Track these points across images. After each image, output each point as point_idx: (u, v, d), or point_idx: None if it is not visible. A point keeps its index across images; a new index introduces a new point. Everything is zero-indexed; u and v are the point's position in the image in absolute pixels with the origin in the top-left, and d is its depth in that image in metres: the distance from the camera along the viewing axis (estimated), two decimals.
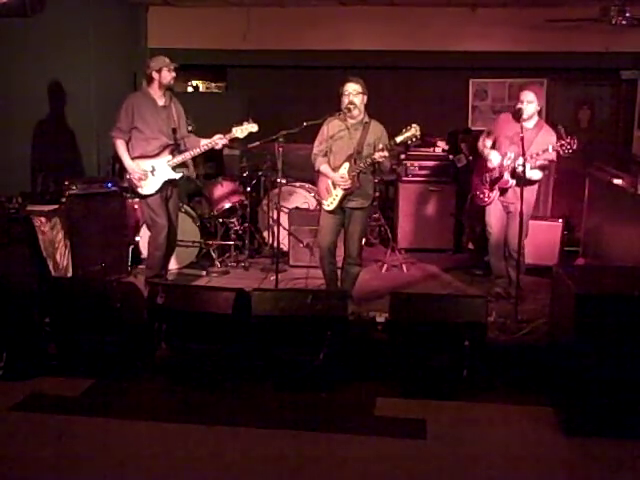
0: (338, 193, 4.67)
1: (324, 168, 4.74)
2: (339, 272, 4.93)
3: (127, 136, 5.05)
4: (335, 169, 4.68)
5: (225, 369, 3.96)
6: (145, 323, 4.13)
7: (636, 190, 4.90)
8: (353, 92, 4.57)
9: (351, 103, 4.57)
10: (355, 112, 4.61)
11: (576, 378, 3.34)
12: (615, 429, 3.29)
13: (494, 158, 4.97)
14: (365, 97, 4.64)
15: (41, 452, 3.20)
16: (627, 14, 6.52)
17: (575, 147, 4.55)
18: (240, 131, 5.03)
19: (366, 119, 4.68)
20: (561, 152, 4.61)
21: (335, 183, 4.66)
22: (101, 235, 5.65)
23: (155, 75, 5.03)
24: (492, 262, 5.29)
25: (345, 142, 4.66)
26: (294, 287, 5.51)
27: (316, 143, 4.79)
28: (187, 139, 5.25)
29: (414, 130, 4.47)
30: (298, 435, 3.39)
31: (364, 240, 5.40)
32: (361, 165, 4.56)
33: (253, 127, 5.04)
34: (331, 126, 4.72)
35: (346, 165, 4.63)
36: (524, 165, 4.55)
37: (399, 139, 4.51)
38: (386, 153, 4.48)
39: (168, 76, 5.04)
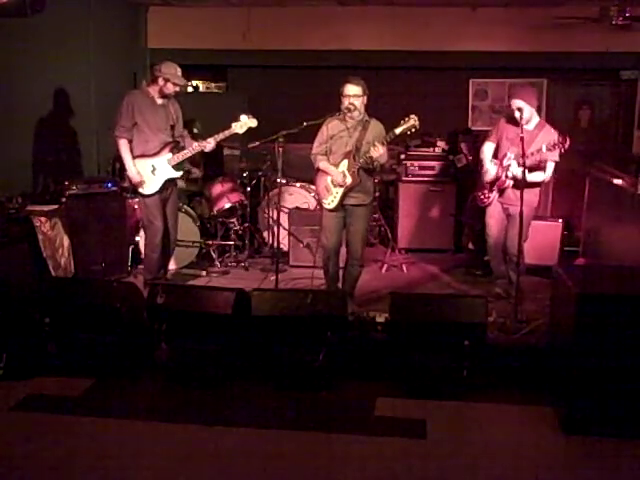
0: (338, 191, 4.68)
1: (323, 165, 4.75)
2: (340, 272, 4.94)
3: (130, 134, 5.05)
4: (334, 166, 4.69)
5: (225, 369, 3.96)
6: (145, 323, 4.13)
7: (636, 190, 4.90)
8: (353, 95, 4.57)
9: (351, 105, 4.57)
10: (355, 114, 4.61)
11: (576, 378, 3.34)
12: (615, 429, 3.30)
13: (491, 171, 4.98)
14: (365, 98, 4.64)
15: (41, 452, 3.20)
16: (627, 14, 6.53)
17: (567, 146, 4.55)
18: (239, 126, 5.04)
19: (366, 118, 4.68)
20: (552, 150, 4.62)
21: (334, 181, 4.67)
22: (101, 235, 5.65)
23: (160, 81, 5.02)
24: (492, 264, 5.29)
25: (344, 141, 4.68)
26: (294, 287, 5.51)
27: (315, 143, 4.80)
28: (182, 138, 5.27)
29: (413, 121, 4.46)
30: (298, 435, 3.39)
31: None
32: (360, 161, 4.57)
33: (252, 122, 5.04)
34: (331, 126, 4.72)
35: (345, 162, 4.64)
36: (524, 165, 4.55)
37: (398, 130, 4.49)
38: (380, 149, 4.45)
39: (172, 88, 5.06)
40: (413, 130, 4.52)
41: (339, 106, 4.67)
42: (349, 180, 4.62)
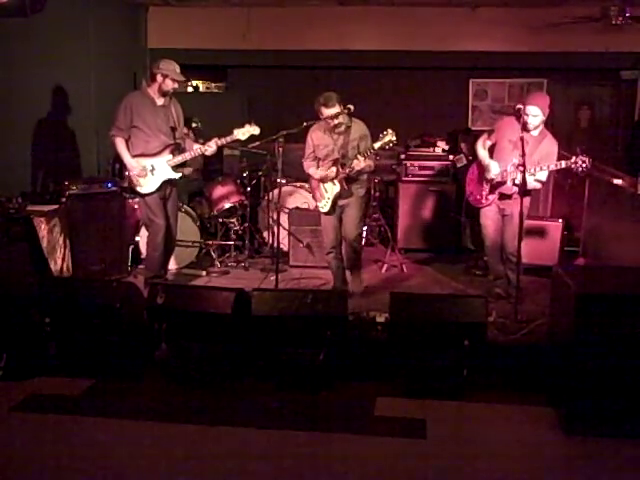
0: (330, 196, 4.81)
1: (311, 171, 4.91)
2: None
3: (126, 134, 5.06)
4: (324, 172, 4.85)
5: (225, 369, 3.96)
6: (145, 323, 4.13)
7: (636, 190, 4.90)
8: (334, 115, 4.65)
9: (338, 124, 4.69)
10: (342, 128, 4.75)
11: (576, 378, 3.34)
12: (615, 429, 3.29)
13: (493, 169, 4.96)
14: (342, 107, 4.69)
15: (41, 452, 3.20)
16: (627, 14, 6.53)
17: (589, 167, 4.58)
18: (242, 133, 5.04)
19: (348, 123, 4.75)
20: (574, 169, 4.63)
21: (324, 181, 4.79)
22: (101, 235, 5.64)
23: (159, 78, 5.02)
24: (490, 264, 5.30)
25: (330, 149, 4.80)
26: (294, 287, 5.52)
27: (305, 152, 4.94)
28: (184, 140, 5.26)
29: (390, 135, 4.59)
30: (298, 435, 3.39)
31: (364, 240, 5.41)
32: (346, 170, 4.67)
33: (255, 130, 5.05)
34: (315, 137, 4.86)
35: (333, 169, 4.76)
36: (524, 165, 4.55)
37: (377, 145, 4.63)
38: (362, 163, 4.59)
39: (170, 85, 5.05)
40: (391, 145, 4.64)
41: (318, 117, 4.75)
42: (337, 188, 4.76)
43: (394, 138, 4.58)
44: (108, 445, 3.28)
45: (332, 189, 4.80)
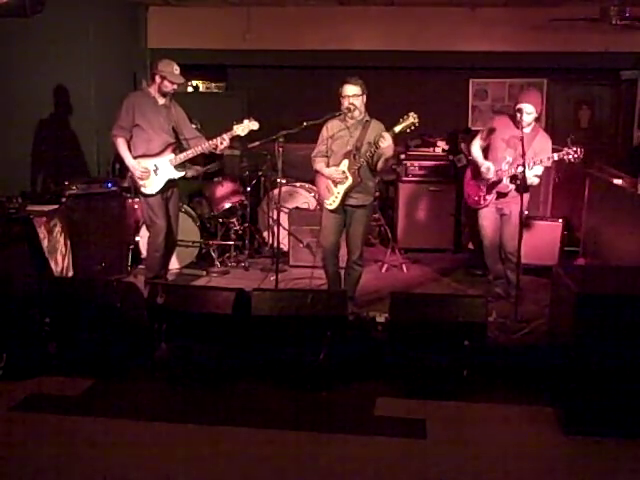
0: (340, 191, 4.66)
1: (320, 167, 4.75)
2: (342, 272, 4.93)
3: (128, 134, 5.06)
4: (335, 166, 4.67)
5: (225, 369, 3.96)
6: (145, 323, 4.13)
7: (636, 190, 4.90)
8: (352, 95, 4.57)
9: (351, 105, 4.57)
10: (356, 113, 4.61)
11: (576, 378, 3.34)
12: (615, 429, 3.29)
13: (489, 171, 4.95)
14: (364, 97, 4.63)
15: (41, 452, 3.20)
16: (627, 14, 6.53)
17: (581, 156, 4.58)
18: (241, 129, 5.04)
19: (367, 118, 4.67)
20: (566, 160, 4.63)
21: (334, 180, 4.65)
22: (101, 235, 5.65)
23: (158, 79, 5.03)
24: (489, 264, 5.29)
25: (345, 141, 4.66)
26: (294, 287, 5.51)
27: (317, 145, 4.79)
28: (193, 140, 5.23)
29: (412, 118, 4.44)
30: (298, 435, 3.39)
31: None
32: (361, 160, 4.54)
33: (254, 125, 5.05)
34: (330, 127, 4.72)
35: (345, 162, 4.62)
36: (524, 165, 4.55)
37: (398, 128, 4.46)
38: (388, 139, 4.40)
39: (169, 86, 5.05)
40: (412, 128, 4.48)
41: (339, 106, 4.67)
42: (350, 180, 4.60)
43: (416, 121, 4.41)
44: (108, 445, 3.28)
45: (344, 182, 4.62)
